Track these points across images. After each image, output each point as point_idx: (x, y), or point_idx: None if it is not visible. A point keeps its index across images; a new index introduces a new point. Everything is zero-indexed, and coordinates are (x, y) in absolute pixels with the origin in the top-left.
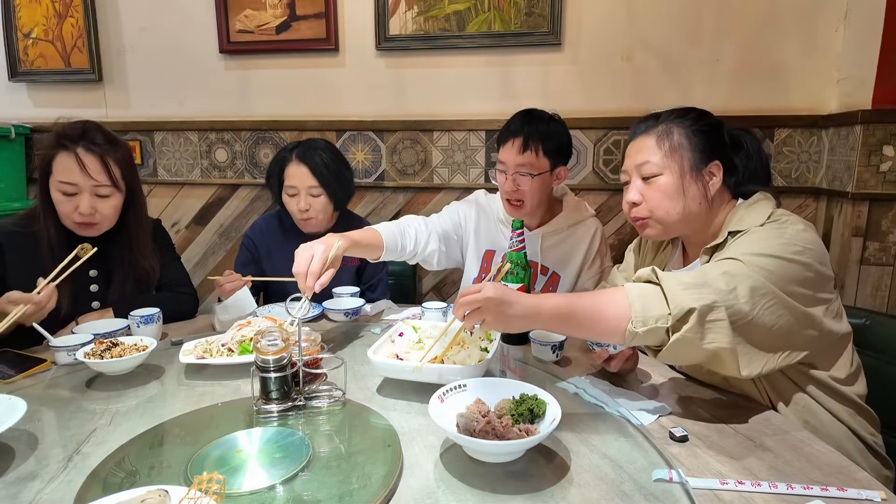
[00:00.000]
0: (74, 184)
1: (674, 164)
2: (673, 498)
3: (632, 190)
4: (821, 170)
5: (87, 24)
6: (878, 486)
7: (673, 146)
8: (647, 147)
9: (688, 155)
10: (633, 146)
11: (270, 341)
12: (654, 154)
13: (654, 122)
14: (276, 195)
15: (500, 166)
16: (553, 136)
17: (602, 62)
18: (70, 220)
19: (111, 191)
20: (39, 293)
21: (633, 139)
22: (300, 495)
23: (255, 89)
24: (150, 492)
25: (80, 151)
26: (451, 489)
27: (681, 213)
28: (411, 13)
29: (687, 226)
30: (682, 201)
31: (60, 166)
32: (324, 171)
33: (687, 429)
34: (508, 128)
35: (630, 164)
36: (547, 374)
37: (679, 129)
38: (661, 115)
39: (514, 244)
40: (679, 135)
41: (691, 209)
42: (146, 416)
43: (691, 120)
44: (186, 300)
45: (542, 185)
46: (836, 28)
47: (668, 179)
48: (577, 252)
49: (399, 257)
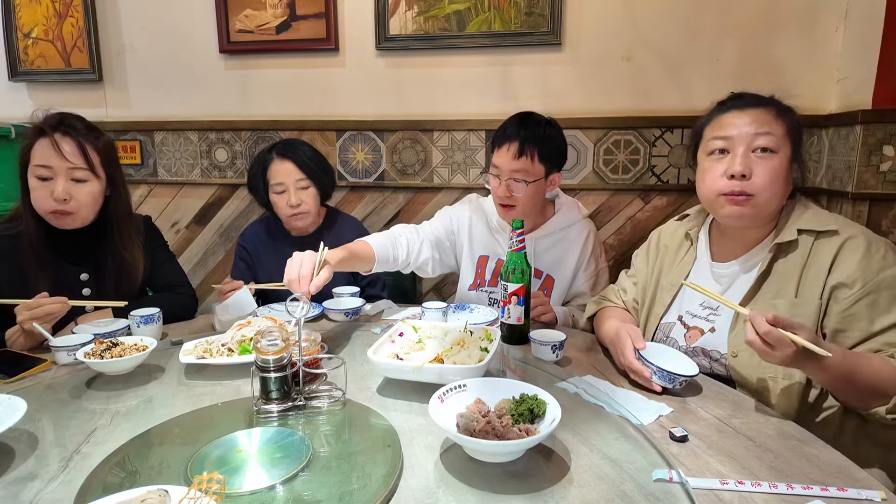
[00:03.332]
0: (49, 166)
1: (788, 146)
2: (673, 498)
3: (740, 160)
4: (821, 170)
5: (87, 24)
6: (878, 486)
7: (792, 127)
8: (767, 119)
9: (796, 143)
10: (741, 115)
11: (270, 341)
12: (775, 128)
13: (763, 99)
14: (262, 198)
15: (494, 170)
16: (549, 141)
17: (602, 62)
18: (45, 208)
19: (87, 175)
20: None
21: (740, 109)
22: (300, 495)
23: (255, 89)
24: (150, 492)
25: (56, 136)
26: (451, 489)
27: (781, 199)
28: (411, 13)
29: (772, 217)
30: (784, 188)
31: (37, 152)
32: (309, 163)
33: (687, 429)
34: (504, 131)
35: (740, 132)
36: (547, 374)
37: (791, 114)
38: (765, 97)
39: (514, 244)
40: (792, 121)
41: (780, 201)
42: (146, 416)
43: (794, 112)
44: (186, 301)
45: (536, 191)
46: (836, 28)
47: (780, 161)
48: (570, 255)
49: (392, 268)
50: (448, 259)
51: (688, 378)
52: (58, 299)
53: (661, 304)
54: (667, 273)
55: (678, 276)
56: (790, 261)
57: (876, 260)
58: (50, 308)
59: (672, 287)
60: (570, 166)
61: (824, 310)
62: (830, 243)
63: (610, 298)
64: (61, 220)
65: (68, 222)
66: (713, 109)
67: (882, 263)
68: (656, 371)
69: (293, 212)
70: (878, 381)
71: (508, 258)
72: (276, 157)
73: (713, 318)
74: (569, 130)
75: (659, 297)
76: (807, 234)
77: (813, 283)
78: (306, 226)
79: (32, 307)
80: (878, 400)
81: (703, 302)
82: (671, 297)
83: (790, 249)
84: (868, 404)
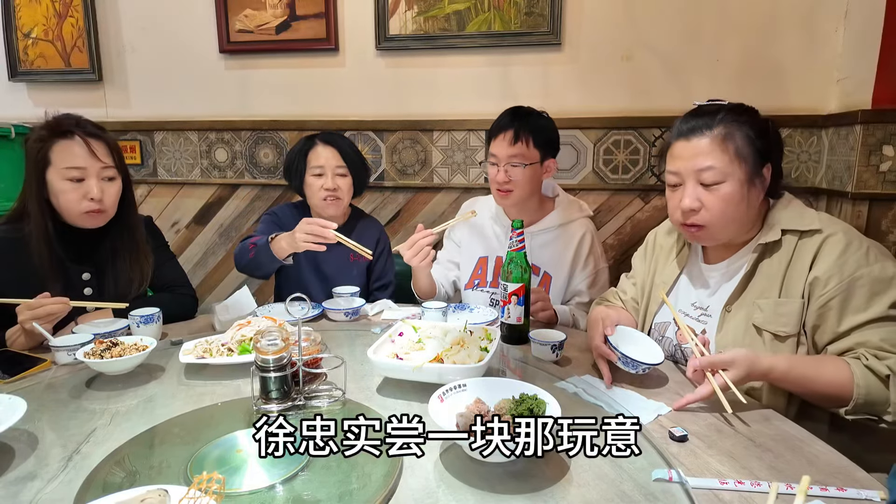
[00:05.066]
0: (83, 167)
1: (739, 170)
2: (673, 498)
3: (688, 195)
4: (821, 170)
5: (87, 24)
6: (877, 487)
7: (738, 152)
8: (708, 150)
9: (750, 161)
10: (686, 147)
11: (270, 341)
12: (718, 159)
13: (710, 120)
14: (297, 184)
15: (491, 159)
16: (542, 129)
17: (602, 62)
18: (78, 209)
19: (115, 173)
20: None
21: (686, 138)
22: (300, 495)
23: (255, 89)
24: (149, 491)
25: (86, 137)
26: (451, 489)
27: (739, 220)
28: (411, 13)
29: (736, 231)
30: (743, 210)
31: (64, 153)
32: (351, 153)
33: (687, 429)
34: (499, 123)
35: (685, 167)
36: (547, 373)
37: (740, 132)
38: (717, 113)
39: (515, 244)
40: (741, 139)
41: (747, 216)
42: (146, 416)
43: (750, 121)
44: (186, 301)
45: (532, 175)
46: (836, 28)
47: (731, 187)
48: (566, 252)
49: (444, 299)
50: None
51: (650, 365)
52: (59, 300)
53: (655, 302)
54: (660, 272)
55: (671, 275)
56: (775, 261)
57: (855, 258)
58: (51, 308)
59: (665, 286)
60: (570, 166)
61: (806, 307)
62: (812, 241)
63: (609, 300)
64: (95, 219)
65: (99, 221)
66: (672, 131)
67: (859, 262)
68: (620, 357)
69: (327, 195)
70: (833, 389)
71: (508, 258)
72: (319, 143)
73: (705, 318)
74: (569, 130)
75: (654, 296)
76: (791, 233)
77: (796, 281)
78: (336, 214)
79: (33, 307)
80: (836, 404)
81: (696, 302)
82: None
83: (775, 249)
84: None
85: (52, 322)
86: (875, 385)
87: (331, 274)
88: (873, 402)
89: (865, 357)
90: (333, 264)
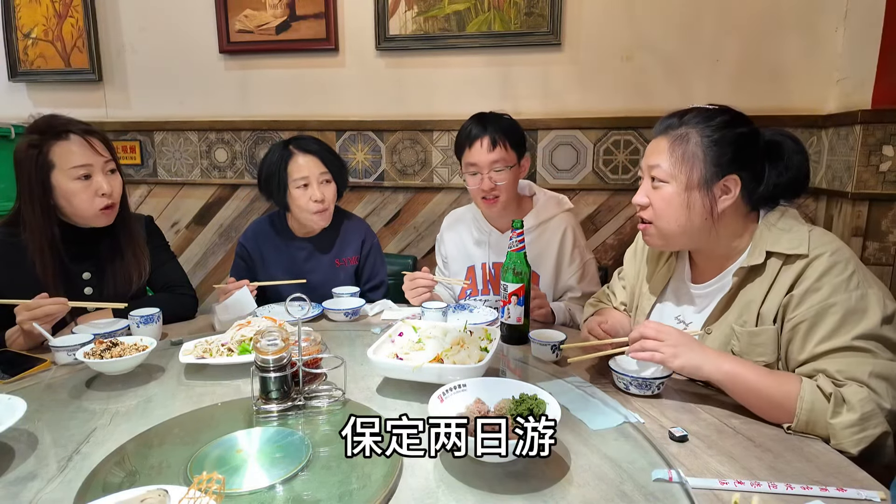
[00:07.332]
0: (89, 164)
1: (682, 175)
2: (673, 498)
3: (640, 190)
4: (820, 170)
5: (87, 24)
6: (877, 487)
7: (686, 155)
8: (661, 150)
9: (700, 167)
10: (652, 143)
11: (270, 341)
12: (665, 159)
13: (676, 122)
14: (280, 197)
15: (471, 169)
16: (513, 129)
17: (602, 62)
18: (92, 209)
19: (115, 166)
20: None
21: (656, 135)
22: (300, 495)
23: (255, 89)
24: (149, 492)
25: (84, 135)
26: (451, 489)
27: (683, 226)
28: (411, 13)
29: (690, 240)
30: (684, 215)
31: (66, 154)
32: (330, 157)
33: (687, 429)
34: (469, 132)
35: (644, 162)
36: (547, 374)
37: (697, 137)
38: (686, 115)
39: (515, 244)
40: (695, 143)
41: (694, 224)
42: (146, 416)
43: (715, 127)
44: (186, 301)
45: (514, 177)
46: (835, 28)
47: (672, 190)
48: (549, 250)
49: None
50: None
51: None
52: (58, 300)
53: (641, 312)
54: (649, 278)
55: (655, 287)
56: (756, 285)
57: (834, 283)
58: (49, 309)
59: (650, 297)
60: (570, 166)
61: (780, 331)
62: (795, 268)
63: (603, 301)
64: (108, 216)
65: (112, 217)
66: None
67: (837, 287)
68: (632, 381)
69: (318, 207)
70: (779, 398)
71: (508, 258)
72: (297, 151)
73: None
74: (568, 130)
75: (640, 305)
76: (776, 256)
77: (772, 308)
78: (326, 224)
79: (32, 308)
80: (780, 417)
81: (679, 315)
82: (650, 306)
83: (758, 273)
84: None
85: (50, 322)
86: (820, 402)
87: (318, 283)
88: (816, 421)
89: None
90: (320, 273)
